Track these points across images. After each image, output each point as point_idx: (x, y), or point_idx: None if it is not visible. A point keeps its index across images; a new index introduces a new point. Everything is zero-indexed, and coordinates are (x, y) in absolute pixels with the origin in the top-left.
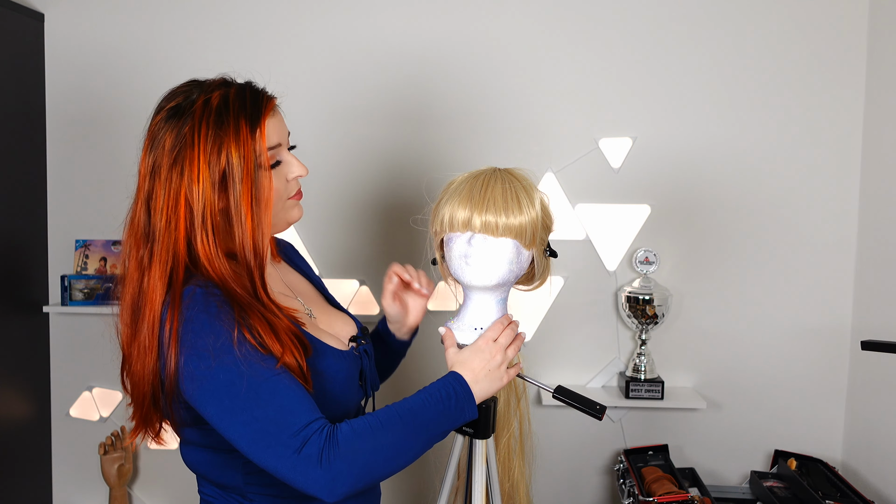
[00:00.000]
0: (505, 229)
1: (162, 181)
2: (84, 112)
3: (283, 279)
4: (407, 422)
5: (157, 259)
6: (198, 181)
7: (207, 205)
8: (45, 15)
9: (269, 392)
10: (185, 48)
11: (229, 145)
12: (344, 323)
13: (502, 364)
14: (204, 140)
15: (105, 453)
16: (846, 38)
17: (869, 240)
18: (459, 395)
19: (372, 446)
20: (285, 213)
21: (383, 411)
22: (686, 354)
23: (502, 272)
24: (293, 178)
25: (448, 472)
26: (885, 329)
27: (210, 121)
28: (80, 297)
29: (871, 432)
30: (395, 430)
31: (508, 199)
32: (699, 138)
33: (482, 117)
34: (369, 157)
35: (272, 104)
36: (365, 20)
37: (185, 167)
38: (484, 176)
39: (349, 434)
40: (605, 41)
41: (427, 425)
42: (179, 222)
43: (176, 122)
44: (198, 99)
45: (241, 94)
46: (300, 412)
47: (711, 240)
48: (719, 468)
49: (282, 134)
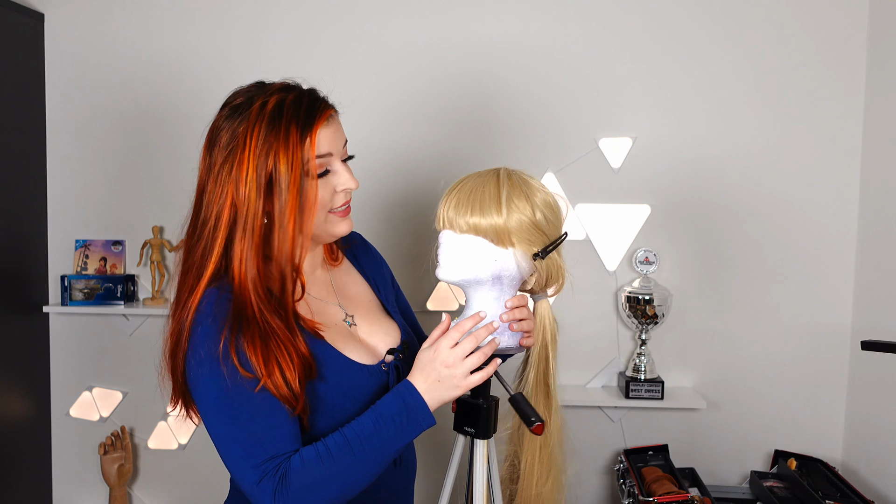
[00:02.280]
0: (469, 226)
1: (214, 177)
2: (84, 112)
3: (336, 281)
4: (356, 449)
5: (199, 252)
6: (245, 182)
7: (251, 206)
8: (45, 15)
9: (249, 414)
10: (184, 48)
11: (278, 150)
12: (386, 333)
13: (457, 374)
14: (255, 142)
15: (105, 453)
16: (846, 39)
17: (869, 240)
18: (411, 407)
19: (320, 481)
20: (330, 226)
21: (332, 439)
22: (686, 354)
23: (466, 268)
24: (342, 190)
25: (449, 473)
26: (885, 329)
27: (263, 124)
28: (80, 297)
29: (871, 432)
30: (345, 459)
31: (486, 199)
32: (699, 138)
33: (482, 117)
34: (368, 156)
35: (328, 113)
36: (363, 20)
37: (234, 166)
38: (479, 175)
39: (299, 469)
40: (605, 41)
41: (379, 449)
42: (223, 219)
43: (233, 120)
44: (256, 100)
45: (298, 101)
46: (269, 443)
47: (711, 240)
48: (719, 468)
49: (335, 144)
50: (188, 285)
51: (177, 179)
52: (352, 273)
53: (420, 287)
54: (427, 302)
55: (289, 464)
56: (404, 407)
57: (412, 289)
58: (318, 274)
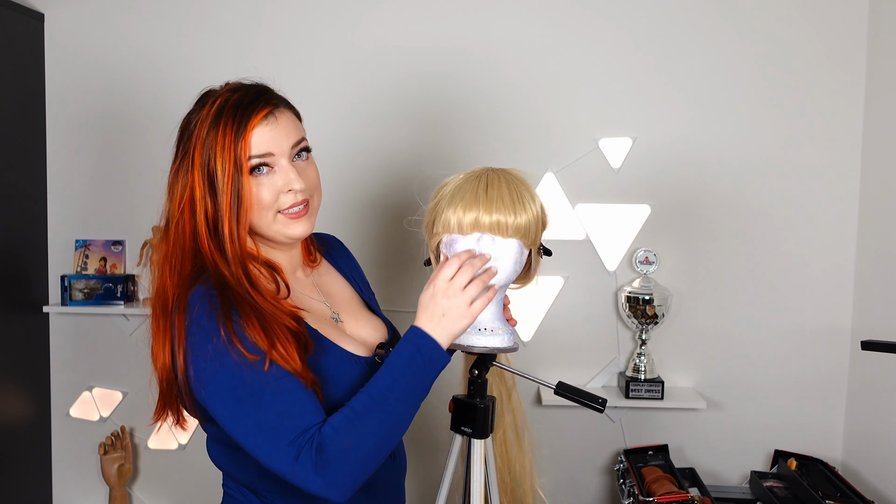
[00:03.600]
0: (514, 230)
1: (174, 175)
2: (84, 112)
3: (317, 281)
4: (382, 403)
5: (170, 252)
6: (196, 181)
7: (200, 204)
8: (45, 15)
9: (270, 397)
10: (184, 48)
11: (216, 149)
12: (374, 329)
13: (460, 304)
14: (201, 142)
15: (105, 453)
16: (846, 39)
17: (869, 240)
18: (422, 348)
19: (357, 441)
20: (281, 227)
21: (356, 400)
22: (686, 354)
23: (509, 272)
24: (288, 191)
25: (447, 472)
26: (885, 329)
27: (207, 123)
28: (79, 297)
29: (871, 432)
30: (374, 416)
31: (515, 199)
32: (699, 138)
33: (482, 117)
34: (366, 156)
35: (264, 111)
36: (362, 20)
37: (188, 165)
38: (485, 176)
39: (332, 436)
40: (605, 41)
41: (403, 396)
42: (185, 217)
43: (190, 119)
44: (209, 99)
45: (239, 100)
46: (297, 419)
47: (712, 240)
48: (719, 468)
49: (276, 143)
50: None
51: None
52: (331, 273)
53: (405, 287)
54: None
55: (321, 435)
56: (416, 350)
57: (403, 289)
58: (300, 275)
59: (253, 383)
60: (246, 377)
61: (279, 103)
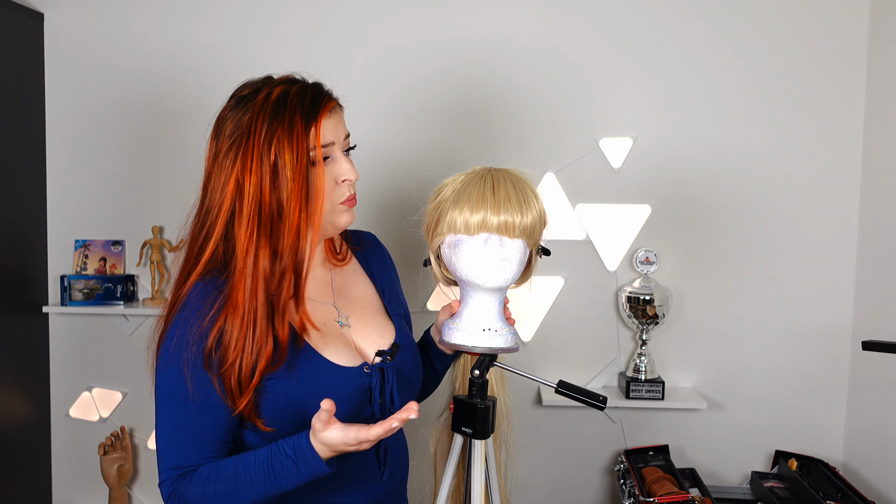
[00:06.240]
0: (520, 230)
1: (218, 165)
2: (84, 112)
3: (336, 281)
4: (239, 478)
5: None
6: (250, 171)
7: (255, 195)
8: (45, 15)
9: (182, 417)
10: (184, 48)
11: (282, 139)
12: (381, 335)
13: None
14: (259, 131)
15: (105, 453)
16: (847, 39)
17: (869, 240)
18: (310, 462)
19: (201, 499)
20: (334, 216)
21: (228, 461)
22: (686, 354)
23: (514, 272)
24: (343, 182)
25: (447, 472)
26: (885, 329)
27: (267, 113)
28: (79, 297)
29: (872, 432)
30: (224, 484)
31: (521, 199)
32: (699, 138)
33: (482, 117)
34: (365, 156)
35: (331, 104)
36: (361, 20)
37: (239, 155)
38: (490, 176)
39: (189, 484)
40: (606, 42)
41: (262, 483)
42: (224, 207)
43: (238, 110)
44: (262, 91)
45: (302, 91)
46: (183, 451)
47: (712, 240)
48: (720, 468)
49: (337, 134)
50: (185, 269)
51: (177, 179)
52: (358, 274)
53: (417, 287)
54: (427, 302)
55: (188, 477)
56: (298, 450)
57: (410, 290)
58: (318, 272)
59: (181, 393)
60: (181, 384)
61: (336, 97)
